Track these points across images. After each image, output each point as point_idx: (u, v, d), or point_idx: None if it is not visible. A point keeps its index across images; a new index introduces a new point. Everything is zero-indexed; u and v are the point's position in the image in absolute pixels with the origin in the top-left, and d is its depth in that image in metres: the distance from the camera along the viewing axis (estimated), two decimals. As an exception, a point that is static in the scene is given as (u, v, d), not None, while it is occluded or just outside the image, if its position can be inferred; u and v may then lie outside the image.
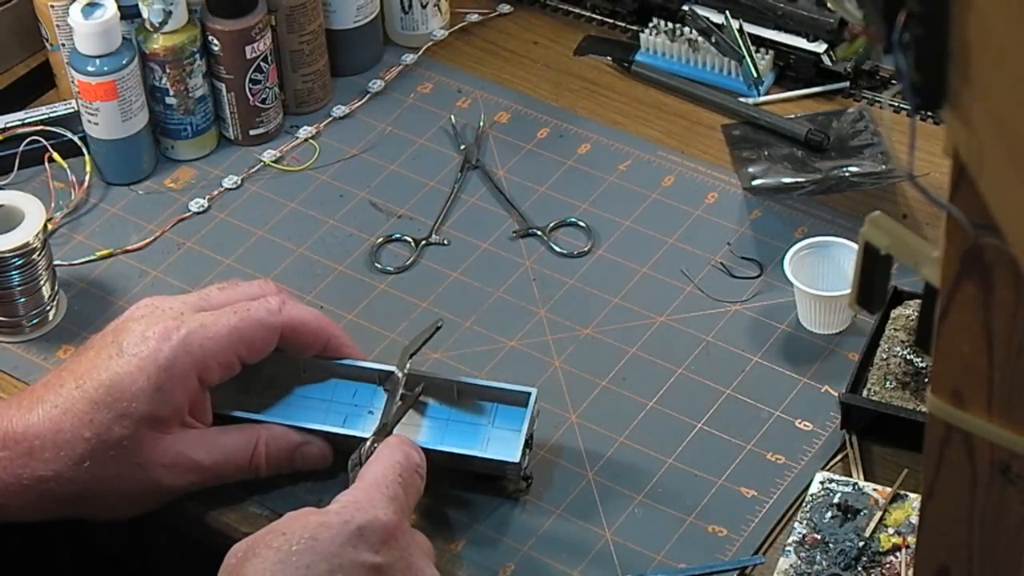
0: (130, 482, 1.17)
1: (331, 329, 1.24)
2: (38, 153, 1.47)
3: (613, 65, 1.58)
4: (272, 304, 1.20)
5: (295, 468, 1.22)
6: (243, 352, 1.19)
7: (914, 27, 0.70)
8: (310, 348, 1.23)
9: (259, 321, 1.19)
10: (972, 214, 0.73)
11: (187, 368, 1.16)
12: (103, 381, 1.15)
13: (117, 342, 1.17)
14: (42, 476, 1.15)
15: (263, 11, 1.46)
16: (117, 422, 1.15)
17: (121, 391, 1.15)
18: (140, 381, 1.15)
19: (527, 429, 1.20)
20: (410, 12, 1.59)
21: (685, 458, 1.24)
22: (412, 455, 1.14)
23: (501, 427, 1.22)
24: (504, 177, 1.47)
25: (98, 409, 1.15)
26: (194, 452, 1.18)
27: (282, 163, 1.50)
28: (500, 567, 1.18)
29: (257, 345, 1.19)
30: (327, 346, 1.24)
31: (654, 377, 1.30)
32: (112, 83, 1.42)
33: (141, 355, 1.16)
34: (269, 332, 1.20)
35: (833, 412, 1.25)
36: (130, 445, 1.16)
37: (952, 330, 0.79)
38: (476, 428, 1.22)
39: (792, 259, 1.31)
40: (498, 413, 1.23)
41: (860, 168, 1.41)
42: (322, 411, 1.24)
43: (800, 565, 1.14)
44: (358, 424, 1.22)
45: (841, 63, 1.51)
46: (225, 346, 1.18)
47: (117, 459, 1.16)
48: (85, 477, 1.16)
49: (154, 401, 1.15)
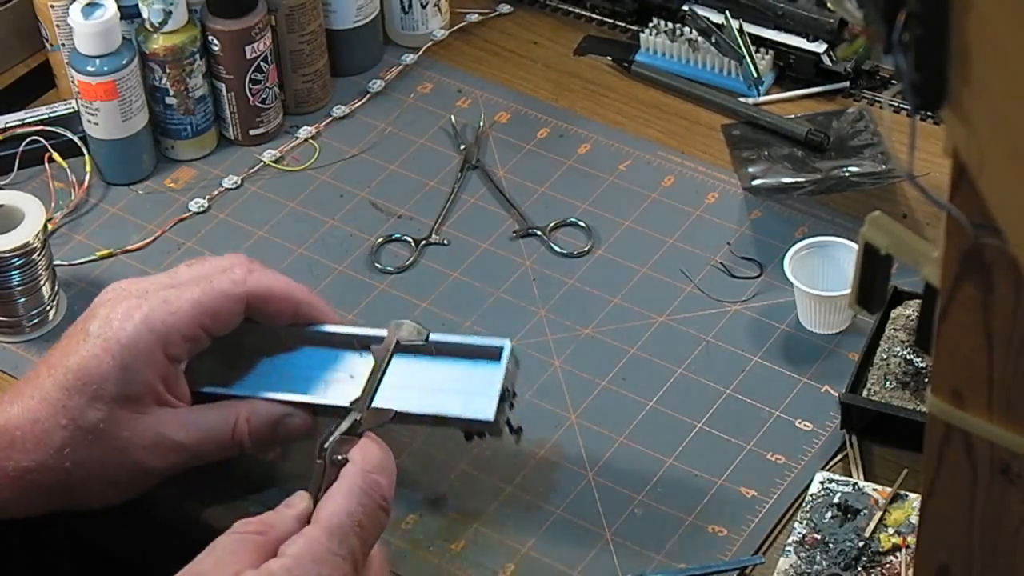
0: (113, 466, 1.17)
1: (301, 295, 1.23)
2: (38, 153, 1.47)
3: (613, 65, 1.58)
4: (236, 275, 1.20)
5: (279, 442, 1.22)
6: (208, 325, 1.18)
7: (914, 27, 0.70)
8: (280, 316, 1.22)
9: (222, 292, 1.19)
10: (972, 214, 0.73)
11: (151, 345, 1.16)
12: (71, 367, 1.16)
13: (85, 328, 1.17)
14: (26, 467, 1.15)
15: (263, 11, 1.46)
16: (90, 406, 1.15)
17: (88, 374, 1.15)
18: (106, 362, 1.15)
19: (501, 384, 1.18)
20: (410, 12, 1.59)
21: (685, 458, 1.24)
22: (378, 486, 1.09)
23: (480, 383, 1.20)
24: (504, 177, 1.47)
25: (70, 395, 1.15)
26: (173, 432, 1.18)
27: (282, 163, 1.50)
28: (500, 567, 1.18)
29: (222, 317, 1.19)
30: (298, 312, 1.23)
31: (654, 377, 1.30)
32: (112, 83, 1.42)
33: (105, 336, 1.16)
34: (233, 303, 1.19)
35: (833, 412, 1.25)
36: (107, 428, 1.16)
37: (952, 330, 0.79)
38: (454, 386, 1.20)
39: (792, 259, 1.31)
40: (476, 369, 1.21)
41: (860, 168, 1.41)
42: (303, 381, 1.23)
43: (800, 565, 1.14)
44: (340, 391, 1.21)
45: (841, 63, 1.51)
46: (188, 320, 1.17)
47: (96, 444, 1.16)
48: (67, 465, 1.16)
49: (122, 381, 1.15)
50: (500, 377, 1.18)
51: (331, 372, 1.23)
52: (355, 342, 1.23)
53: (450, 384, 1.20)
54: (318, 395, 1.21)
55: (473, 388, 1.19)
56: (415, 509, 1.21)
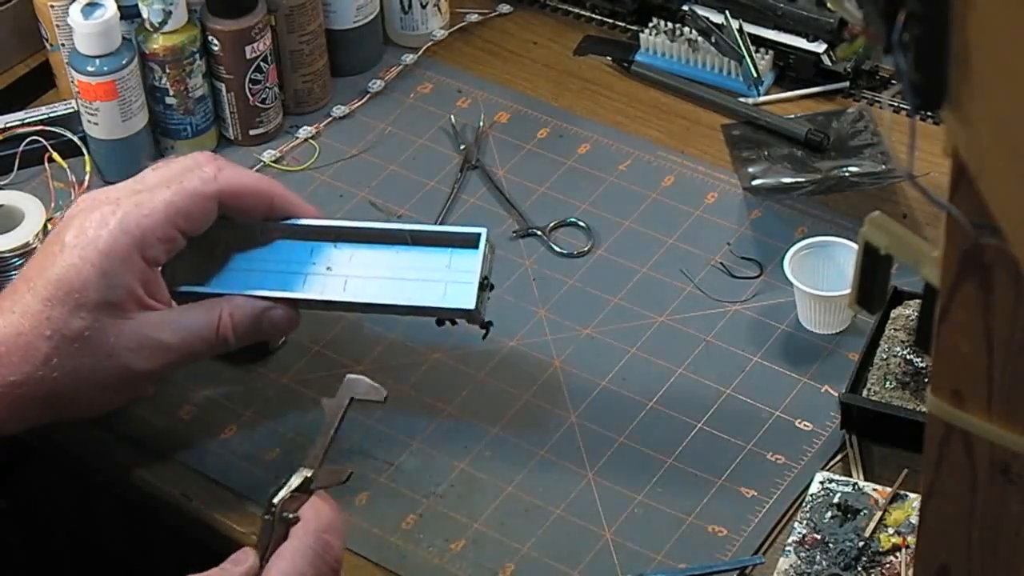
0: (101, 373, 1.18)
1: (274, 189, 1.25)
2: (38, 153, 1.47)
3: (613, 65, 1.58)
4: (206, 173, 1.21)
5: (265, 335, 1.24)
6: (182, 224, 1.20)
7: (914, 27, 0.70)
8: (254, 211, 1.24)
9: (193, 192, 1.20)
10: (972, 214, 0.73)
11: (128, 249, 1.17)
12: (51, 278, 1.16)
13: (60, 239, 1.18)
14: (13, 382, 1.16)
15: (263, 11, 1.46)
16: (73, 315, 1.16)
17: (69, 284, 1.16)
18: (85, 271, 1.16)
19: (480, 272, 1.20)
20: (410, 12, 1.59)
21: (685, 458, 1.24)
22: (331, 547, 1.08)
23: (458, 272, 1.22)
24: (504, 177, 1.47)
25: (52, 306, 1.16)
26: (158, 333, 1.19)
27: (282, 163, 1.50)
28: (500, 567, 1.18)
29: (195, 216, 1.20)
30: (273, 206, 1.24)
31: (654, 377, 1.30)
32: (112, 83, 1.42)
33: (82, 245, 1.17)
34: (206, 201, 1.20)
35: (833, 412, 1.25)
36: (92, 335, 1.16)
37: (952, 330, 0.79)
38: (433, 275, 1.22)
39: (792, 259, 1.31)
40: (453, 258, 1.23)
41: (860, 168, 1.41)
42: (281, 275, 1.24)
43: (800, 565, 1.14)
44: (317, 285, 1.23)
45: (841, 63, 1.51)
46: (162, 221, 1.18)
47: (83, 351, 1.17)
48: (55, 375, 1.16)
49: (103, 287, 1.16)
50: (479, 265, 1.20)
51: (308, 265, 1.24)
52: (331, 234, 1.24)
53: (428, 273, 1.22)
54: (297, 289, 1.23)
55: (451, 276, 1.22)
56: (415, 509, 1.22)
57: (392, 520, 1.21)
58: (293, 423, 1.28)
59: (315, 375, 1.30)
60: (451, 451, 1.25)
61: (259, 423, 1.28)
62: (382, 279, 1.23)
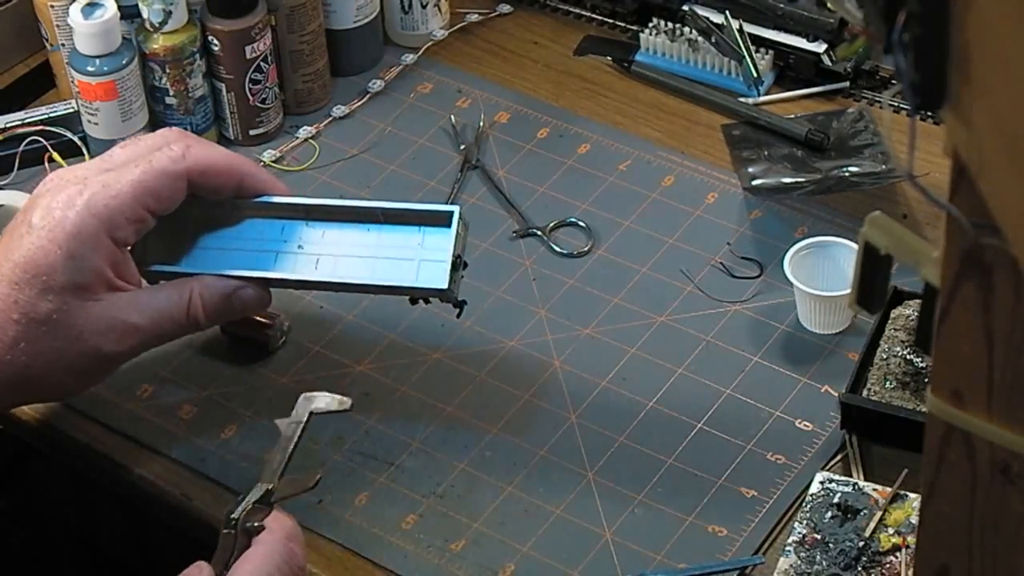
0: (70, 355, 1.16)
1: (244, 167, 1.23)
2: (38, 153, 1.47)
3: (613, 65, 1.58)
4: (175, 151, 1.19)
5: (236, 315, 1.23)
6: (151, 204, 1.18)
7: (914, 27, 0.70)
8: (224, 189, 1.22)
9: (162, 171, 1.18)
10: (972, 214, 0.73)
11: (96, 231, 1.16)
12: (18, 261, 1.15)
13: (27, 220, 1.17)
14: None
15: (263, 11, 1.46)
16: (41, 298, 1.15)
17: (37, 267, 1.15)
18: (52, 253, 1.15)
19: (453, 251, 1.20)
20: (410, 12, 1.59)
21: (685, 458, 1.24)
22: (296, 556, 1.09)
23: (430, 250, 1.21)
24: (504, 177, 1.47)
25: (20, 289, 1.15)
26: (127, 315, 1.17)
27: (282, 163, 1.50)
28: (500, 567, 1.18)
29: (164, 195, 1.19)
30: (242, 184, 1.23)
31: (654, 377, 1.30)
32: (112, 83, 1.42)
33: (49, 227, 1.15)
34: (174, 180, 1.19)
35: (833, 412, 1.25)
36: (60, 318, 1.15)
37: (952, 330, 0.79)
38: (405, 254, 1.22)
39: (792, 259, 1.31)
40: (426, 237, 1.22)
41: (860, 168, 1.41)
42: (252, 253, 1.23)
43: (800, 565, 1.14)
44: (288, 264, 1.22)
45: (841, 63, 1.51)
46: (131, 201, 1.17)
47: (51, 334, 1.15)
48: (23, 359, 1.15)
49: (70, 269, 1.15)
50: (451, 243, 1.20)
51: (279, 243, 1.24)
52: (302, 212, 1.24)
53: (400, 252, 1.21)
54: (268, 268, 1.22)
55: (424, 255, 1.21)
56: (415, 509, 1.22)
57: (392, 520, 1.21)
58: (293, 423, 1.28)
59: (315, 375, 1.30)
60: (451, 451, 1.25)
61: (259, 423, 1.28)
62: (354, 258, 1.22)
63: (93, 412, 1.29)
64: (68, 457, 1.29)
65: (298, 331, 1.33)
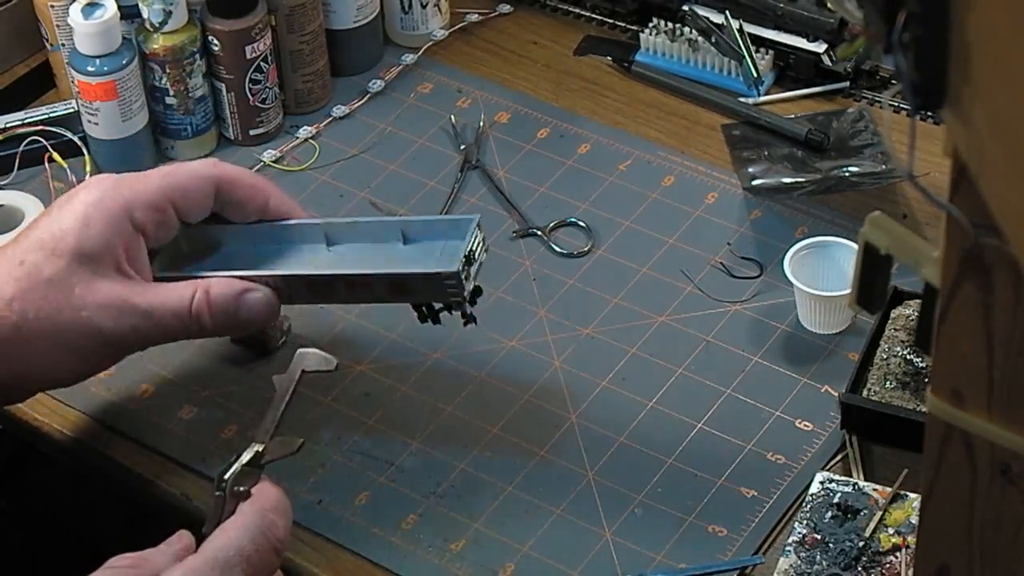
0: (64, 324, 1.15)
1: (270, 188, 1.24)
2: (38, 153, 1.47)
3: (613, 65, 1.58)
4: (207, 161, 1.23)
5: (241, 319, 1.20)
6: (177, 200, 1.19)
7: (914, 27, 0.70)
8: (250, 206, 1.23)
9: (192, 171, 1.21)
10: (972, 214, 0.73)
11: (116, 205, 1.17)
12: (33, 235, 1.17)
13: (53, 206, 1.19)
14: None
15: (263, 11, 1.46)
16: (47, 261, 1.15)
17: (51, 233, 1.16)
18: (67, 219, 1.16)
19: (467, 245, 1.19)
20: (410, 12, 1.59)
21: (685, 458, 1.24)
22: (275, 526, 1.07)
23: (447, 255, 1.20)
24: (504, 177, 1.47)
25: (29, 252, 1.16)
26: (129, 294, 1.17)
27: (282, 163, 1.50)
28: (500, 567, 1.18)
29: (191, 192, 1.20)
30: (268, 207, 1.24)
31: (654, 377, 1.30)
32: (112, 83, 1.42)
33: (70, 204, 1.17)
34: (203, 181, 1.21)
35: (833, 412, 1.25)
36: (61, 281, 1.15)
37: (952, 330, 0.79)
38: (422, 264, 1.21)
39: (792, 259, 1.31)
40: (446, 248, 1.21)
41: (860, 168, 1.41)
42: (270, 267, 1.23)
43: (800, 565, 1.14)
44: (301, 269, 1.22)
45: (841, 63, 1.51)
46: (156, 188, 1.19)
47: (48, 297, 1.15)
48: (13, 319, 1.14)
49: (80, 235, 1.15)
50: (467, 241, 1.19)
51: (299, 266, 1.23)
52: (324, 236, 1.24)
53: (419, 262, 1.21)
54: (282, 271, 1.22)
55: (441, 259, 1.20)
56: (415, 509, 1.22)
57: (392, 520, 1.21)
58: (293, 423, 1.28)
59: (315, 375, 1.30)
60: (451, 451, 1.25)
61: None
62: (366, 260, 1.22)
63: (93, 412, 1.29)
64: (68, 457, 1.29)
65: (298, 331, 1.33)
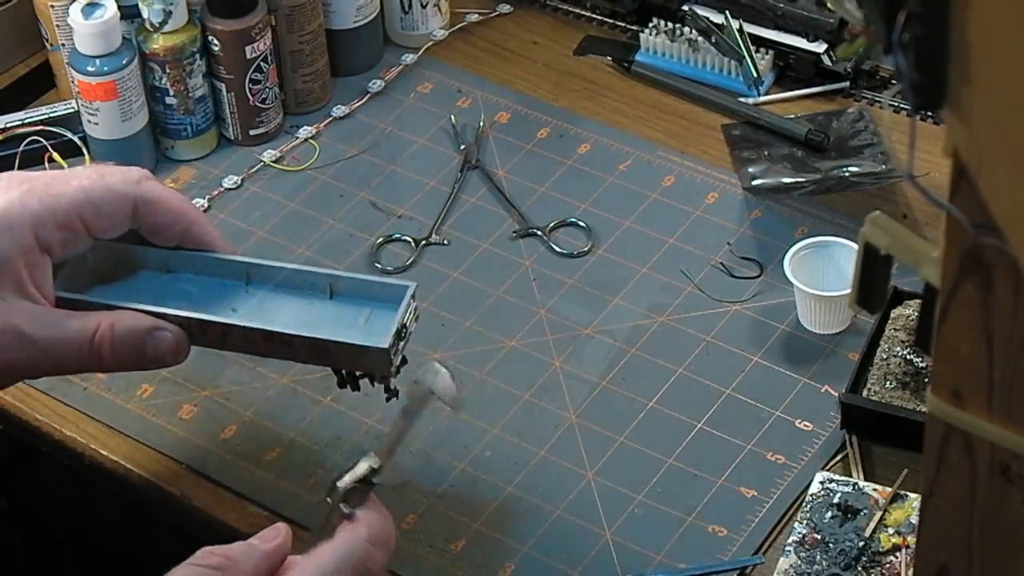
0: None
1: (194, 214, 1.15)
2: (38, 153, 1.47)
3: (613, 65, 1.58)
4: (131, 174, 1.12)
5: (146, 359, 1.10)
6: (89, 217, 1.10)
7: (914, 27, 0.70)
8: (169, 230, 1.13)
9: (110, 187, 1.10)
10: (972, 214, 0.73)
11: (21, 219, 1.07)
12: None
13: None
14: None
15: (263, 11, 1.46)
16: None
17: None
18: None
19: (400, 318, 1.11)
20: (410, 12, 1.59)
21: (685, 458, 1.24)
22: (374, 562, 1.01)
23: (374, 327, 1.13)
24: (504, 177, 1.47)
25: None
26: (25, 323, 1.06)
27: (282, 163, 1.50)
28: (500, 567, 1.18)
29: (105, 212, 1.10)
30: (189, 232, 1.14)
31: (654, 377, 1.30)
32: (112, 83, 1.42)
33: None
34: (120, 200, 1.11)
35: (833, 412, 1.25)
36: None
37: (952, 330, 0.79)
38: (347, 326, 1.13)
39: (792, 259, 1.31)
40: (374, 314, 1.14)
41: (860, 168, 1.41)
42: (183, 302, 1.14)
43: (800, 565, 1.14)
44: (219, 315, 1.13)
45: (841, 63, 1.51)
46: (67, 204, 1.09)
47: None
48: None
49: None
50: (401, 310, 1.11)
51: (214, 303, 1.15)
52: (244, 274, 1.16)
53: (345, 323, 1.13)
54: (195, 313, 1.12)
55: (367, 331, 1.12)
56: (415, 509, 1.21)
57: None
58: (293, 423, 1.28)
59: (315, 375, 1.30)
60: (451, 451, 1.25)
61: (259, 423, 1.28)
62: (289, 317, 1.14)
63: (93, 412, 1.29)
64: (68, 457, 1.29)
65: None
